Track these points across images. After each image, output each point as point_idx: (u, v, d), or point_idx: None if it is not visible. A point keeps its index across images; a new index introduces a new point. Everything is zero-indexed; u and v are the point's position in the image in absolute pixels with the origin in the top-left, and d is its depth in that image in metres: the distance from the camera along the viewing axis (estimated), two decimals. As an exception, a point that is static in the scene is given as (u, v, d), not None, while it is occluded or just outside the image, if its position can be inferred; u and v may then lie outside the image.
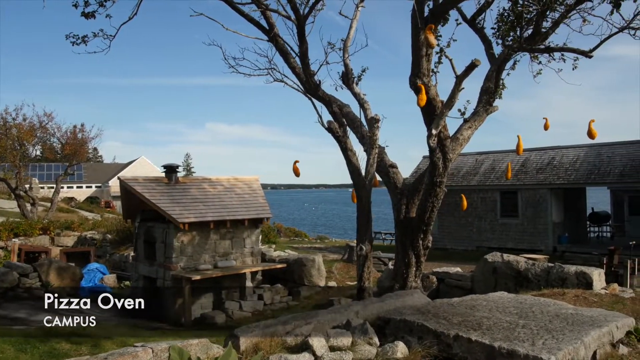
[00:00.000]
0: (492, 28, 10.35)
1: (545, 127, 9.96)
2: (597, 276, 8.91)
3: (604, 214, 25.31)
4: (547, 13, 9.50)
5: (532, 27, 9.91)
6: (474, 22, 10.53)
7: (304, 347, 4.84)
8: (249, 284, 14.14)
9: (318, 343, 4.77)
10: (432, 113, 8.68)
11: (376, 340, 5.06)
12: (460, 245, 24.62)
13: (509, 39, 9.96)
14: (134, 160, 65.81)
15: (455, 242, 24.97)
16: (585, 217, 25.32)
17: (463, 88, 8.27)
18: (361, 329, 5.12)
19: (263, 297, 13.95)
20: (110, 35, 9.77)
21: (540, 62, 10.70)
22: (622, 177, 20.85)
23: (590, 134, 8.45)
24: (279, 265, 15.17)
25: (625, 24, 7.99)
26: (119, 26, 10.11)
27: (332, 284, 15.16)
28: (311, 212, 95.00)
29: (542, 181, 22.59)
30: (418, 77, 8.30)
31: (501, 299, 6.52)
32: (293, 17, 9.34)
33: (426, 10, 8.22)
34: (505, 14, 10.23)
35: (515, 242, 23.21)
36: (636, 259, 13.71)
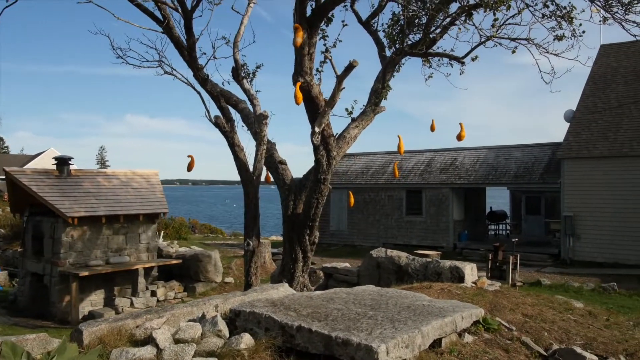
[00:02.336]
0: (383, 31, 10.64)
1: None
2: (469, 270, 9.40)
3: (501, 213, 26.73)
4: (438, 20, 9.91)
5: (421, 32, 10.32)
6: (368, 25, 10.82)
7: (149, 340, 4.82)
8: (141, 280, 13.83)
9: (162, 336, 4.76)
10: (315, 111, 8.84)
11: (225, 332, 5.11)
12: (368, 242, 25.20)
13: (397, 43, 10.28)
14: (43, 152, 62.56)
15: (364, 239, 25.56)
16: (484, 216, 26.65)
17: (344, 88, 8.48)
18: (212, 321, 5.15)
19: (156, 293, 13.70)
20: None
21: (430, 66, 11.15)
22: (516, 178, 22.10)
23: (459, 137, 8.90)
24: (174, 261, 14.94)
25: (493, 34, 8.47)
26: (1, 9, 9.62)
27: (230, 279, 15.10)
28: (232, 208, 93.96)
29: (445, 181, 23.56)
30: (300, 76, 8.43)
31: (364, 291, 6.75)
32: (180, 9, 9.22)
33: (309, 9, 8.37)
34: (396, 18, 10.59)
35: (420, 239, 24.08)
36: (518, 255, 14.57)
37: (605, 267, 18.56)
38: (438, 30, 10.19)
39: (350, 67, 8.02)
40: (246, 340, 4.82)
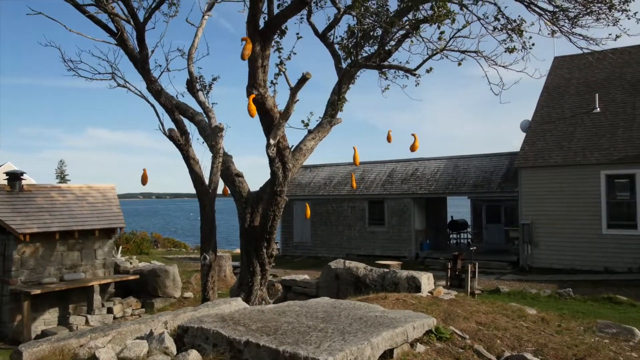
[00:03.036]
0: (337, 43, 10.71)
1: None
2: (426, 280, 9.48)
3: (462, 222, 27.11)
4: (392, 33, 10.03)
5: (376, 44, 10.44)
6: (324, 37, 10.88)
7: (92, 359, 4.69)
8: (97, 297, 13.49)
9: (106, 355, 4.64)
10: (270, 123, 8.83)
11: (173, 349, 5.01)
12: (332, 253, 25.20)
13: (352, 55, 10.36)
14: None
15: (328, 250, 25.57)
16: (446, 225, 26.99)
17: (298, 100, 8.49)
18: (159, 338, 5.05)
19: (113, 310, 13.38)
20: None
21: (387, 78, 11.27)
22: (475, 188, 22.47)
23: (413, 147, 9.02)
24: (131, 277, 14.64)
25: (442, 47, 8.64)
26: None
27: (189, 294, 14.86)
28: (196, 222, 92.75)
29: (406, 191, 23.79)
30: (254, 88, 8.41)
31: (318, 304, 6.72)
32: (132, 21, 9.12)
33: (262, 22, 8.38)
34: (351, 30, 10.68)
35: (383, 250, 24.22)
36: (476, 264, 14.77)
37: (562, 273, 19.00)
38: (393, 43, 10.34)
39: (303, 80, 8.05)
40: (193, 357, 4.74)
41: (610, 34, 9.97)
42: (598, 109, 20.95)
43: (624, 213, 18.96)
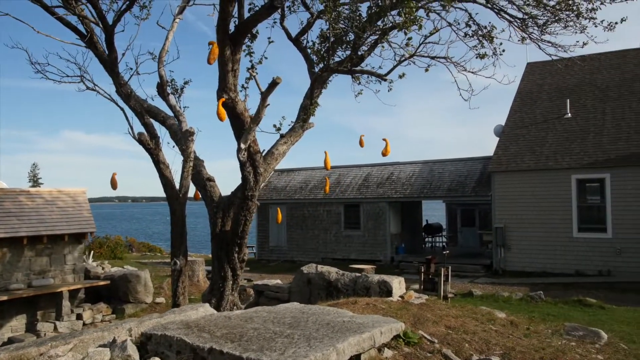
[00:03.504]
0: (310, 48, 10.71)
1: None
2: (397, 284, 9.51)
3: (437, 226, 27.31)
4: (365, 39, 10.06)
5: (349, 49, 10.46)
6: (298, 42, 10.87)
7: (50, 369, 4.59)
8: (66, 303, 13.25)
9: (65, 364, 4.56)
10: (241, 128, 8.78)
11: (135, 357, 4.93)
12: (307, 257, 25.19)
13: (325, 60, 10.36)
14: (-30, 170, 59.47)
15: (303, 254, 25.53)
16: (421, 229, 27.16)
17: (269, 104, 8.45)
18: (121, 346, 4.97)
19: (82, 316, 13.16)
20: None
21: (360, 83, 11.30)
22: (449, 192, 22.66)
23: (384, 152, 9.05)
24: (102, 282, 14.42)
25: (412, 53, 8.70)
26: None
27: (161, 300, 14.69)
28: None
29: (382, 195, 23.88)
30: (224, 92, 8.36)
31: (286, 309, 6.69)
32: (101, 24, 9.00)
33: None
34: (324, 35, 10.68)
35: (358, 253, 24.26)
36: (449, 267, 14.86)
37: (534, 276, 19.24)
38: (365, 48, 10.38)
39: (274, 84, 8.02)
40: (156, 365, 4.68)
41: (577, 41, 10.16)
42: (569, 114, 21.31)
43: (594, 217, 19.29)
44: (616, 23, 10.25)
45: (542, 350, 7.26)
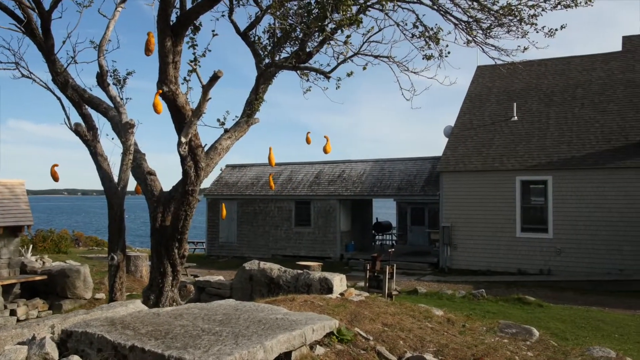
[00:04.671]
0: (256, 42, 10.61)
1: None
2: (338, 281, 9.53)
3: (386, 224, 27.61)
4: (312, 36, 10.02)
5: (297, 46, 10.40)
6: (246, 36, 10.74)
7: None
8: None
9: (-26, 363, 4.36)
10: (182, 121, 8.61)
11: (54, 355, 4.77)
12: (258, 253, 25.04)
13: (270, 55, 10.29)
14: None
15: (254, 250, 25.37)
16: (371, 227, 27.41)
17: (210, 98, 8.32)
18: (39, 343, 4.79)
19: (17, 312, 12.69)
20: None
21: (308, 80, 11.26)
22: (399, 190, 22.93)
23: (325, 149, 9.06)
24: (38, 277, 13.93)
25: (356, 52, 8.74)
26: None
27: (101, 295, 14.32)
28: (129, 220, 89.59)
29: (333, 192, 23.96)
30: (164, 84, 8.17)
31: (220, 306, 6.61)
32: (37, 10, 8.68)
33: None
34: (271, 31, 10.60)
35: (308, 250, 24.29)
36: (394, 265, 15.03)
37: (479, 274, 19.70)
38: (314, 45, 10.35)
39: (215, 78, 7.90)
40: (74, 363, 4.53)
41: (519, 46, 10.40)
42: (516, 117, 21.88)
43: (537, 217, 19.88)
44: (556, 30, 10.56)
45: (474, 347, 7.40)
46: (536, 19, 10.43)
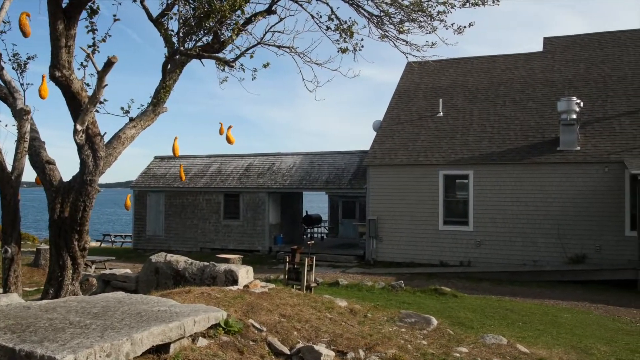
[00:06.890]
0: (168, 29, 10.35)
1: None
2: (244, 273, 9.46)
3: (316, 217, 27.75)
4: (221, 24, 9.86)
5: (211, 34, 10.22)
6: (159, 23, 10.46)
7: None
8: None
9: None
10: (78, 108, 8.31)
11: None
12: (185, 246, 24.67)
13: (177, 43, 10.06)
14: None
15: (181, 243, 24.96)
16: (301, 220, 27.48)
17: (106, 84, 8.05)
18: None
19: None
20: None
21: (224, 70, 11.09)
22: (327, 184, 23.06)
23: (228, 140, 8.97)
24: None
25: (259, 40, 8.70)
26: None
27: None
28: (38, 212, 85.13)
29: (262, 185, 23.84)
30: (57, 69, 7.85)
31: (103, 299, 6.42)
32: None
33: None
34: (182, 18, 10.37)
35: (237, 243, 24.09)
36: (314, 257, 15.10)
37: (403, 266, 20.07)
38: (229, 35, 10.20)
39: (109, 64, 7.64)
40: None
41: (427, 41, 10.60)
42: (441, 113, 22.39)
43: (459, 211, 20.43)
44: (465, 27, 10.83)
45: (369, 337, 7.51)
46: (446, 16, 10.66)
